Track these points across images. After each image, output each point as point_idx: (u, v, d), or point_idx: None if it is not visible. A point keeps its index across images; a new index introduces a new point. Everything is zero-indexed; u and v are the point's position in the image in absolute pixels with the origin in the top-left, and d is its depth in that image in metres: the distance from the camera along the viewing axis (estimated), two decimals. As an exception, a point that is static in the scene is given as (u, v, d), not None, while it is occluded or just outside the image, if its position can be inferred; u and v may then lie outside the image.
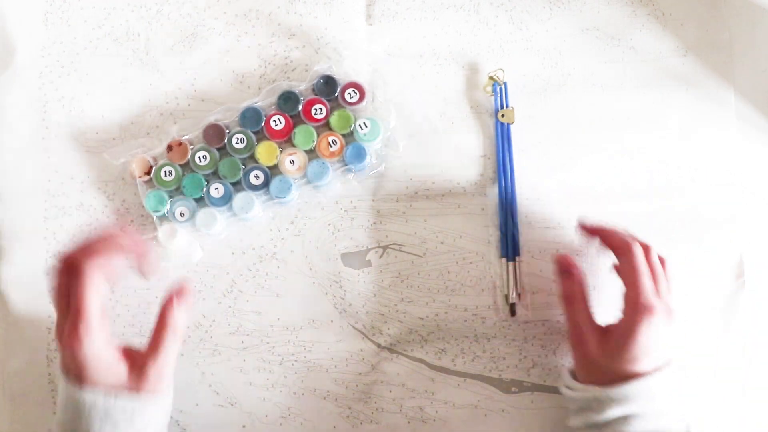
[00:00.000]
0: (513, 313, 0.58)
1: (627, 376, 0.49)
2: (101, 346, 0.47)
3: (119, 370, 0.48)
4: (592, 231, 0.55)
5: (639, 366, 0.49)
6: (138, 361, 0.49)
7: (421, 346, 0.59)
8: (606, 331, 0.52)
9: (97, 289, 0.47)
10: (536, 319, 0.58)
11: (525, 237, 0.59)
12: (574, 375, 0.53)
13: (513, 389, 0.58)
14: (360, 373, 0.58)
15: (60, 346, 0.48)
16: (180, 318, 0.51)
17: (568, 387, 0.52)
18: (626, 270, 0.51)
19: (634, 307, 0.49)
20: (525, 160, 0.59)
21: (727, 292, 0.59)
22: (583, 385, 0.51)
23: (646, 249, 0.53)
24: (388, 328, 0.59)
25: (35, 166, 0.59)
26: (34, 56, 0.60)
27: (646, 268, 0.51)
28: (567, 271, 0.54)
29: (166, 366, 0.50)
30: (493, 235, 0.59)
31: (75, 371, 0.48)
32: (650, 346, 0.49)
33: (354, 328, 0.59)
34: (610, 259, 0.54)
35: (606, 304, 0.54)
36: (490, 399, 0.58)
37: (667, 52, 0.61)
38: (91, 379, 0.47)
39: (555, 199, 0.59)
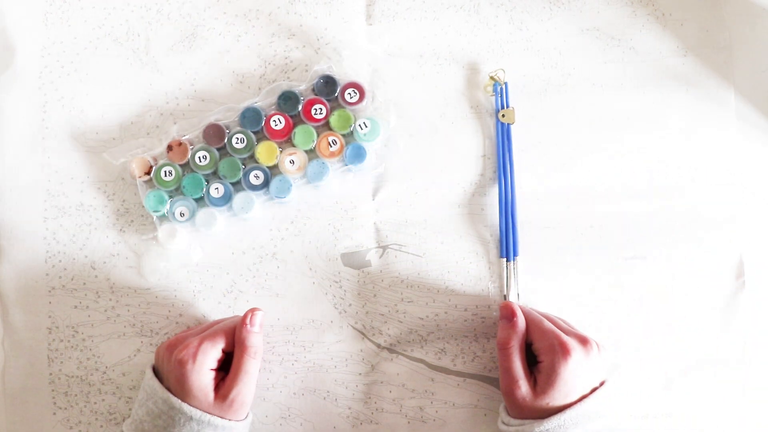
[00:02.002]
0: (513, 313, 0.58)
1: (559, 409, 0.50)
2: (205, 370, 0.51)
3: (208, 395, 0.51)
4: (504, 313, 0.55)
5: (568, 399, 0.50)
6: (222, 388, 0.52)
7: (421, 346, 0.58)
8: (532, 376, 0.52)
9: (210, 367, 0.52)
10: (536, 319, 0.58)
11: (525, 237, 0.59)
12: (508, 411, 0.53)
13: (513, 389, 0.58)
14: (360, 373, 0.58)
15: (168, 357, 0.52)
16: (256, 340, 0.53)
17: (504, 423, 0.53)
18: (529, 328, 0.53)
19: (551, 351, 0.51)
20: (525, 160, 0.59)
21: (727, 292, 0.59)
22: (518, 421, 0.51)
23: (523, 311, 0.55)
24: (388, 328, 0.59)
25: (35, 166, 0.59)
26: (34, 56, 0.60)
27: (539, 316, 0.54)
28: (508, 319, 0.54)
29: (248, 393, 0.52)
30: (493, 235, 0.59)
31: (178, 383, 0.51)
32: (575, 381, 0.50)
33: (354, 328, 0.59)
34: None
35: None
36: (490, 399, 0.58)
37: (667, 52, 0.60)
38: (190, 396, 0.51)
39: (555, 199, 0.59)
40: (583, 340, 0.51)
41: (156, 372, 0.54)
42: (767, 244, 0.60)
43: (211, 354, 0.52)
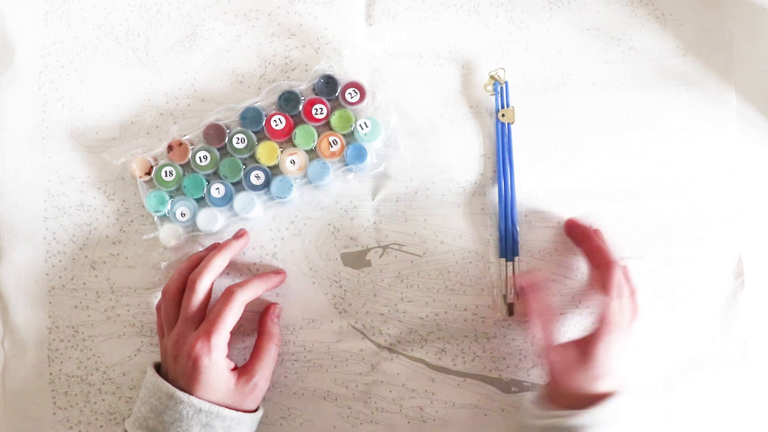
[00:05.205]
0: (511, 312, 0.58)
1: (588, 400, 0.50)
2: (221, 360, 0.51)
3: (229, 381, 0.52)
4: (578, 237, 0.57)
5: (600, 385, 0.50)
6: (246, 372, 0.53)
7: (421, 346, 0.59)
8: (570, 346, 0.53)
9: (238, 314, 0.52)
10: (536, 319, 0.58)
11: (524, 237, 0.59)
12: (536, 403, 0.54)
13: (513, 389, 0.58)
14: (360, 373, 0.58)
15: (176, 353, 0.51)
16: (277, 327, 0.56)
17: (535, 416, 0.53)
18: (605, 286, 0.53)
19: (602, 322, 0.51)
20: (525, 159, 0.59)
21: (727, 292, 0.59)
22: (547, 412, 0.52)
23: (624, 267, 0.55)
24: (388, 328, 0.59)
25: (35, 165, 0.59)
26: (34, 56, 0.60)
27: (623, 288, 0.53)
28: (526, 292, 0.55)
29: (269, 378, 0.54)
30: (493, 235, 0.59)
31: (189, 378, 0.50)
32: (611, 363, 0.51)
33: (354, 328, 0.59)
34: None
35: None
36: (490, 399, 0.58)
37: (667, 52, 0.61)
38: (203, 388, 0.50)
39: (555, 199, 0.59)
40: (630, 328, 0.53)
41: (158, 367, 0.54)
42: (767, 244, 0.60)
43: (224, 345, 0.51)
